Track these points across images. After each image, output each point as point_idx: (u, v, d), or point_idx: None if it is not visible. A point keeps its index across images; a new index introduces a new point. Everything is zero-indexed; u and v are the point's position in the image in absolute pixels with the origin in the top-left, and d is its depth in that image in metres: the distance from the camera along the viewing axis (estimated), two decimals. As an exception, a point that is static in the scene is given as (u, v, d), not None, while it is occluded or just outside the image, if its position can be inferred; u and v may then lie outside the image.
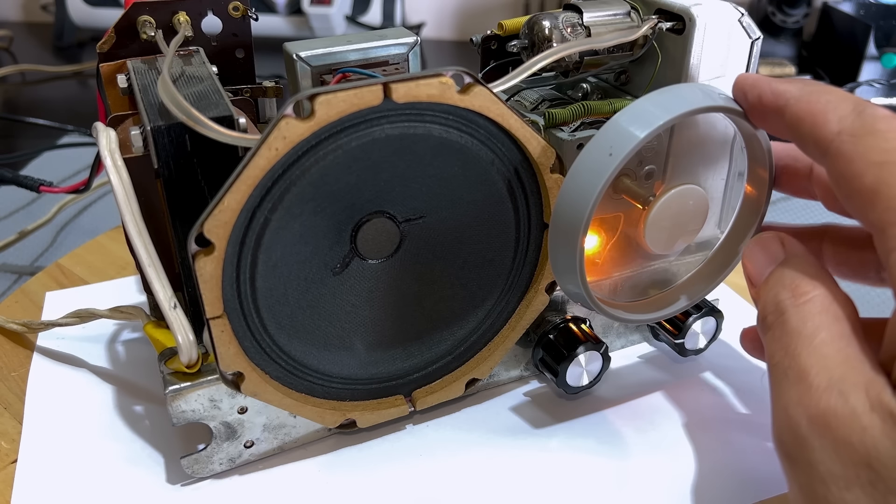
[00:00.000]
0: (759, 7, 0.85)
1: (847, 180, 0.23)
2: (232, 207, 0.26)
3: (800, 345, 0.23)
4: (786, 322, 0.24)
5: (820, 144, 0.24)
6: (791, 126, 0.26)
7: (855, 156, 0.23)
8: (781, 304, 0.25)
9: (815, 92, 0.25)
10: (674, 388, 0.38)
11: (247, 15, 0.36)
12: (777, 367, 0.24)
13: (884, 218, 0.22)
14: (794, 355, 0.23)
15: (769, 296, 0.25)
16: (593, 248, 0.35)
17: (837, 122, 0.24)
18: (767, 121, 0.28)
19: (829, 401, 0.22)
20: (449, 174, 0.30)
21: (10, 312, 0.43)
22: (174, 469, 0.33)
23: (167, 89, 0.27)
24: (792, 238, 0.27)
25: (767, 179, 0.32)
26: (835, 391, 0.22)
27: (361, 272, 0.31)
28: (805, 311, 0.24)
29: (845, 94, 0.25)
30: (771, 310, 0.25)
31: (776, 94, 0.27)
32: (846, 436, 0.21)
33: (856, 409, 0.21)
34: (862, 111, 0.24)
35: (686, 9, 0.32)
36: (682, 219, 0.34)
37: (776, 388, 0.24)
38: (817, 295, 0.24)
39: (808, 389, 0.22)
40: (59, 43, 1.03)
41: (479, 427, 0.36)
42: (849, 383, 0.22)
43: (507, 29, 0.35)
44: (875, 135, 0.23)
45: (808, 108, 0.25)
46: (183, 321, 0.29)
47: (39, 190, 0.41)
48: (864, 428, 0.21)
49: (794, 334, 0.24)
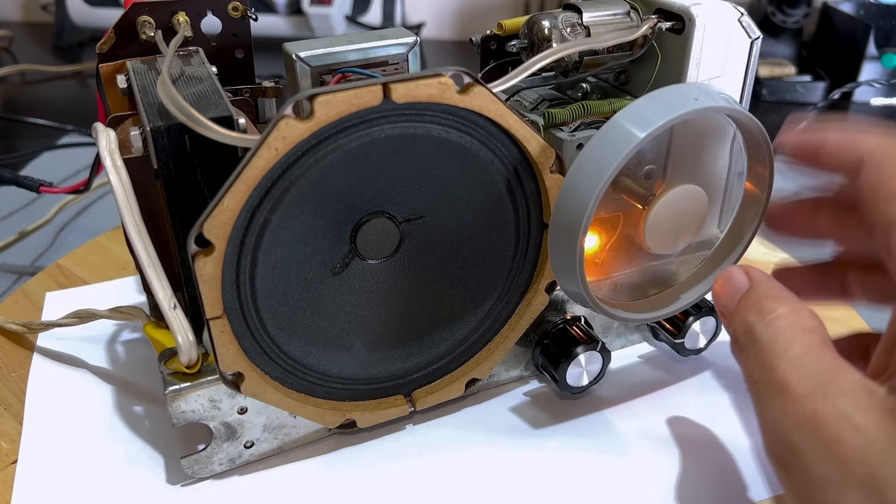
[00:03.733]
0: (759, 7, 0.85)
1: (876, 186, 0.25)
2: (231, 208, 0.26)
3: (775, 359, 0.24)
4: (757, 340, 0.25)
5: (857, 158, 0.26)
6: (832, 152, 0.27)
7: (888, 164, 0.25)
8: (750, 324, 0.26)
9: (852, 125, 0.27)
10: (674, 388, 0.38)
11: (246, 15, 0.36)
12: (757, 385, 0.25)
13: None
14: (772, 369, 0.24)
15: (738, 320, 0.26)
16: (593, 248, 0.35)
17: (877, 138, 0.26)
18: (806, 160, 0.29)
19: (815, 405, 0.22)
20: (449, 174, 0.30)
21: (10, 313, 0.43)
22: (174, 469, 0.33)
23: (167, 90, 0.27)
24: (755, 267, 0.28)
25: (767, 178, 0.32)
26: (819, 396, 0.22)
27: (361, 272, 0.31)
28: (774, 328, 0.25)
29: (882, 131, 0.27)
30: (741, 331, 0.26)
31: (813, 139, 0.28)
32: (839, 436, 0.22)
33: (845, 412, 0.22)
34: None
35: (686, 8, 0.32)
36: (682, 219, 0.33)
37: (760, 405, 0.24)
38: (783, 311, 0.25)
39: (792, 398, 0.23)
40: (59, 43, 1.03)
41: (479, 427, 0.36)
42: (832, 389, 0.22)
43: (507, 29, 0.35)
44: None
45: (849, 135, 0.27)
46: (183, 321, 0.29)
47: (39, 190, 0.41)
48: (857, 427, 0.21)
49: (767, 350, 0.24)
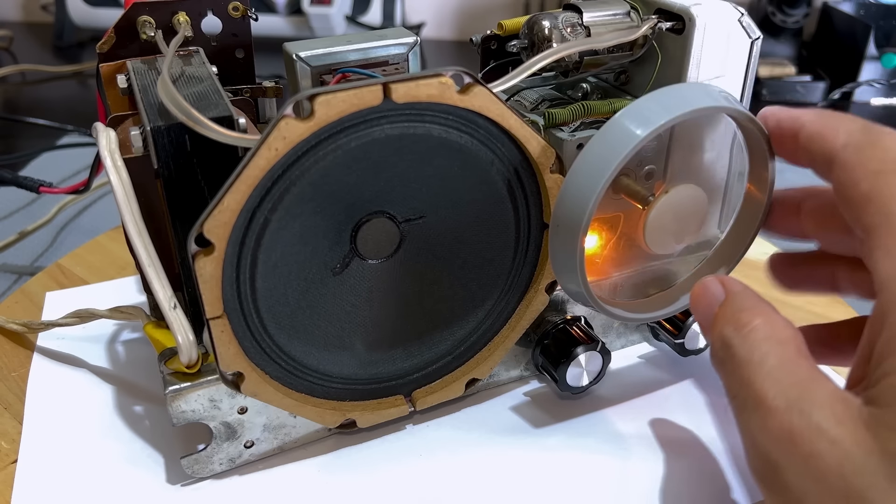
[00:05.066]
0: (759, 7, 0.85)
1: (847, 188, 0.24)
2: (232, 208, 0.26)
3: (751, 373, 0.24)
4: (734, 354, 0.25)
5: (828, 156, 0.26)
6: (805, 144, 0.27)
7: (857, 165, 0.24)
8: (727, 338, 0.25)
9: (828, 115, 0.27)
10: (674, 388, 0.38)
11: (247, 15, 0.36)
12: (736, 399, 0.25)
13: (872, 221, 0.23)
14: (749, 384, 0.24)
15: (715, 334, 0.26)
16: (593, 248, 0.35)
17: (846, 135, 0.25)
18: (785, 144, 0.29)
19: (791, 420, 0.22)
20: (449, 174, 0.30)
21: (10, 312, 0.43)
22: (174, 469, 0.33)
23: (167, 89, 0.27)
24: (731, 277, 0.28)
25: (768, 179, 0.32)
26: (795, 410, 0.22)
27: (361, 272, 0.31)
28: (750, 341, 0.25)
29: (857, 118, 0.26)
30: (719, 346, 0.26)
31: (793, 119, 0.28)
32: (815, 451, 0.21)
33: (820, 425, 0.22)
34: (870, 128, 0.25)
35: (686, 9, 0.32)
36: (682, 219, 0.33)
37: (740, 420, 0.24)
38: (759, 324, 0.25)
39: (769, 413, 0.23)
40: (59, 43, 1.03)
41: (479, 427, 0.36)
42: (807, 402, 0.22)
43: (507, 29, 0.35)
44: (876, 146, 0.24)
45: (821, 128, 0.26)
46: (183, 321, 0.29)
47: (39, 190, 0.41)
48: (834, 441, 0.21)
49: (744, 364, 0.24)
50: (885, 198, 0.23)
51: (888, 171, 0.23)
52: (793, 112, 0.28)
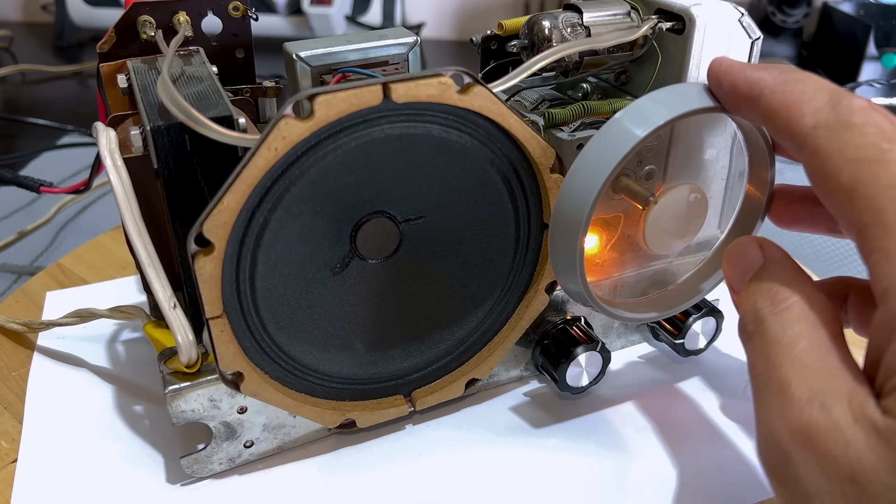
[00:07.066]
0: (759, 7, 0.85)
1: (824, 178, 0.23)
2: (231, 207, 0.26)
3: (780, 355, 0.23)
4: (765, 331, 0.23)
5: (795, 139, 0.24)
6: (766, 117, 0.25)
7: (831, 152, 0.22)
8: (760, 312, 0.24)
9: (790, 81, 0.24)
10: (674, 388, 0.38)
11: (247, 15, 0.36)
12: (758, 379, 0.23)
13: (862, 218, 0.21)
14: (775, 366, 0.23)
15: (748, 304, 0.25)
16: (593, 248, 0.35)
17: (813, 115, 0.23)
18: (743, 110, 0.26)
19: (810, 413, 0.21)
20: (449, 174, 0.30)
21: (10, 312, 0.43)
22: (174, 469, 0.33)
23: (167, 89, 0.27)
24: (771, 241, 0.26)
25: (768, 179, 0.32)
26: (816, 403, 0.21)
27: (361, 272, 0.31)
28: (784, 319, 0.23)
29: (820, 83, 0.24)
30: (750, 318, 0.24)
31: (750, 83, 0.25)
32: (830, 450, 0.21)
33: (839, 422, 0.21)
34: (837, 103, 0.23)
35: (686, 9, 0.32)
36: (682, 219, 0.34)
37: (758, 401, 0.23)
38: (796, 301, 0.24)
39: (790, 402, 0.22)
40: (59, 43, 1.03)
41: (479, 427, 0.36)
42: (830, 395, 0.21)
43: (507, 29, 0.35)
44: (851, 129, 0.22)
45: (783, 100, 0.24)
46: (183, 321, 0.29)
47: (39, 190, 0.41)
48: (848, 441, 0.20)
49: (773, 344, 0.23)
50: (872, 191, 0.21)
51: (869, 158, 0.21)
52: (750, 73, 0.26)
